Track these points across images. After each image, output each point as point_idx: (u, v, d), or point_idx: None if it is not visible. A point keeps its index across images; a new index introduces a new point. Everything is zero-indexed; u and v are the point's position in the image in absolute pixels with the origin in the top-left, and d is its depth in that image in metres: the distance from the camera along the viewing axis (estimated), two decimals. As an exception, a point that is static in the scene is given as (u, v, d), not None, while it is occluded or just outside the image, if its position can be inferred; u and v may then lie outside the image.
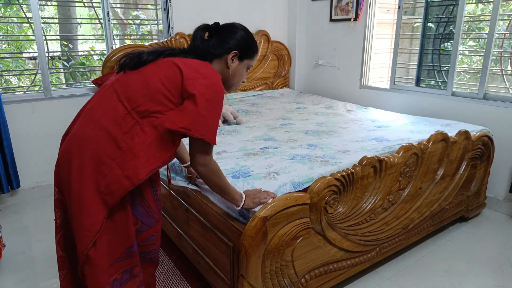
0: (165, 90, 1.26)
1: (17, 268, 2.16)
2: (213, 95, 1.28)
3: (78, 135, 1.26)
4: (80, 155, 1.23)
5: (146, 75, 1.28)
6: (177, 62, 1.29)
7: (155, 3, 3.48)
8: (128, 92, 1.26)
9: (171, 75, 1.27)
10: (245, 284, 1.50)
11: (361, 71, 3.67)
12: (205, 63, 1.35)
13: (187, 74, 1.26)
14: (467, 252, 2.30)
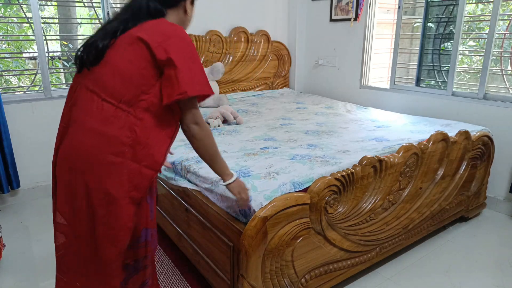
0: (139, 69, 1.19)
1: (17, 268, 2.16)
2: (186, 49, 1.22)
3: (76, 148, 1.21)
4: (88, 167, 1.19)
5: (113, 64, 1.20)
6: (135, 34, 1.20)
7: (155, 3, 3.48)
8: (106, 88, 1.20)
9: (137, 51, 1.19)
10: (245, 284, 1.50)
11: (361, 71, 3.67)
12: (161, 20, 1.26)
13: (153, 42, 1.18)
14: (467, 252, 2.30)
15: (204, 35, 3.56)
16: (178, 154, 2.10)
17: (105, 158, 1.18)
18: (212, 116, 2.73)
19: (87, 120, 1.20)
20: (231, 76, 3.81)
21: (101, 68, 1.22)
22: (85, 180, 1.19)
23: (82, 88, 1.23)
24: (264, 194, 1.55)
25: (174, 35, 1.22)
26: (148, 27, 1.22)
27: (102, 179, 1.18)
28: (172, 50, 1.18)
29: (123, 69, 1.20)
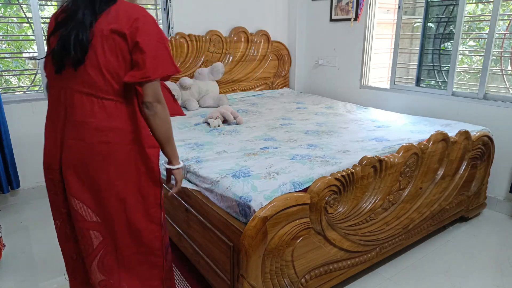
0: (125, 63, 1.22)
1: (17, 268, 2.16)
2: (153, 31, 1.23)
3: (91, 148, 1.24)
4: (110, 161, 1.26)
5: (98, 62, 1.20)
6: (109, 27, 1.19)
7: (155, 3, 3.48)
8: (100, 87, 1.22)
9: (117, 45, 1.20)
10: (245, 284, 1.50)
11: (361, 71, 3.67)
12: (121, 3, 1.24)
13: (126, 31, 1.19)
14: (467, 252, 2.30)
15: (204, 35, 3.56)
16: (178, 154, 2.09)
17: (123, 149, 1.26)
18: (212, 116, 2.73)
19: (92, 122, 1.23)
20: (231, 76, 3.81)
21: (87, 67, 1.21)
22: (109, 174, 1.26)
23: (74, 92, 1.24)
24: (264, 194, 1.55)
25: (140, 17, 1.22)
26: (114, 14, 1.21)
27: (126, 168, 1.27)
28: (139, 34, 1.20)
29: (110, 67, 1.21)
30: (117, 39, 1.19)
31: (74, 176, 1.26)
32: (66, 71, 1.23)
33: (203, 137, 2.40)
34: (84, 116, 1.23)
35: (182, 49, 3.44)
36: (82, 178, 1.26)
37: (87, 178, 1.26)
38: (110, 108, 1.24)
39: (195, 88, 3.38)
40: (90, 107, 1.23)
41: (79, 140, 1.24)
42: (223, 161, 1.94)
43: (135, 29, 1.19)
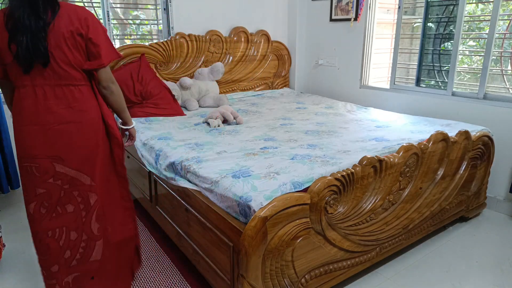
0: (83, 56, 1.53)
1: (17, 268, 2.16)
2: (98, 27, 1.53)
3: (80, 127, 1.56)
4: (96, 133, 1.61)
5: (62, 60, 1.48)
6: (67, 29, 1.46)
7: (155, 3, 3.48)
8: (74, 77, 1.52)
9: (76, 43, 1.49)
10: (245, 284, 1.50)
11: (361, 71, 3.67)
12: (65, 5, 1.49)
13: (79, 30, 1.48)
14: (467, 252, 2.30)
15: (204, 35, 3.56)
16: (178, 154, 2.10)
17: (99, 121, 1.61)
18: (212, 116, 2.73)
19: (76, 105, 1.54)
20: (231, 76, 3.81)
21: (60, 64, 1.48)
22: (95, 140, 1.59)
23: (54, 87, 1.51)
24: (264, 194, 1.55)
25: (85, 16, 1.50)
26: (67, 18, 1.46)
27: (102, 135, 1.62)
28: (90, 31, 1.50)
29: (77, 60, 1.51)
30: (78, 38, 1.48)
31: (69, 153, 1.54)
32: (34, 71, 1.47)
33: (203, 137, 2.40)
34: (68, 103, 1.52)
35: (182, 49, 3.44)
36: (76, 152, 1.55)
37: (77, 151, 1.55)
38: (85, 91, 1.57)
39: (195, 88, 3.38)
40: (71, 95, 1.53)
41: (68, 122, 1.52)
42: (223, 161, 1.94)
43: (86, 28, 1.49)
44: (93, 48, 1.52)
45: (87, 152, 1.58)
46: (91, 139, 1.59)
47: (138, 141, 2.49)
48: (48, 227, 1.58)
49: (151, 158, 2.30)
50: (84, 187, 1.59)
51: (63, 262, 1.62)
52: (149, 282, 2.02)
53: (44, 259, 1.62)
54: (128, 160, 2.77)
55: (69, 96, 1.52)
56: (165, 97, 3.03)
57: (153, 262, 2.20)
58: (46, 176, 1.54)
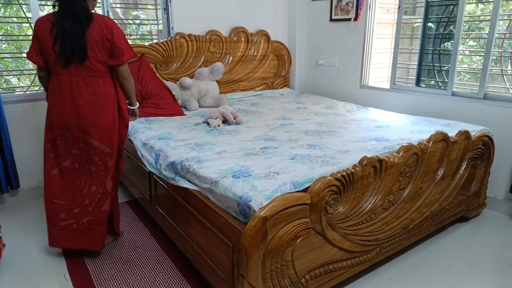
0: (108, 55, 2.05)
1: (17, 268, 2.16)
2: (120, 32, 2.04)
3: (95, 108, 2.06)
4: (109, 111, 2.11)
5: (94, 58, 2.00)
6: (99, 36, 1.97)
7: (155, 3, 3.48)
8: (101, 71, 2.05)
9: (105, 46, 2.01)
10: (245, 284, 1.50)
11: (361, 71, 3.67)
12: (97, 16, 1.99)
13: (107, 36, 1.99)
14: (467, 252, 2.30)
15: (204, 35, 3.56)
16: (178, 154, 2.10)
17: (115, 104, 2.13)
18: (212, 116, 2.73)
19: (99, 91, 2.06)
20: (231, 76, 3.81)
21: (92, 61, 2.00)
22: (109, 119, 2.10)
23: (84, 77, 2.02)
24: (264, 194, 1.55)
25: (111, 25, 2.01)
26: (98, 26, 1.97)
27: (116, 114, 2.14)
28: (115, 37, 2.01)
29: (103, 59, 2.03)
30: (105, 42, 1.99)
31: (93, 128, 2.06)
32: (72, 65, 1.99)
33: (203, 137, 2.40)
34: (94, 90, 2.04)
35: (182, 49, 3.44)
36: (96, 127, 2.07)
37: (99, 126, 2.07)
38: (107, 82, 2.08)
39: (195, 88, 3.38)
40: (97, 84, 2.05)
41: (93, 104, 2.04)
42: (223, 161, 1.94)
43: (111, 34, 2.00)
44: (116, 50, 2.03)
45: (106, 127, 2.09)
46: (109, 118, 2.09)
47: (138, 141, 2.49)
48: (79, 178, 2.14)
49: (151, 158, 2.30)
50: (103, 154, 2.11)
51: (82, 206, 2.14)
52: (149, 282, 2.02)
53: (69, 203, 2.14)
54: (128, 160, 2.77)
55: (95, 84, 2.04)
56: (165, 97, 3.04)
57: (153, 262, 2.20)
58: (79, 142, 2.09)
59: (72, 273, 2.10)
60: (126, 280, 2.04)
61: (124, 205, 2.94)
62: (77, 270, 2.14)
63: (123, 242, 2.42)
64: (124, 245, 2.39)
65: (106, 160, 2.13)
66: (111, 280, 2.04)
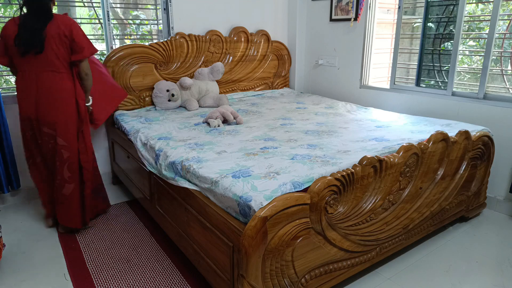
0: (67, 50, 2.23)
1: (17, 268, 2.16)
2: (79, 30, 2.24)
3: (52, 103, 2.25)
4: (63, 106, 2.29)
5: (51, 52, 2.17)
6: (56, 31, 2.15)
7: (155, 3, 3.48)
8: (57, 66, 2.21)
9: (63, 41, 2.19)
10: (245, 284, 1.50)
11: (361, 71, 3.67)
12: (57, 16, 2.19)
13: (65, 32, 2.17)
14: (467, 252, 2.30)
15: (204, 35, 3.56)
16: (178, 154, 2.10)
17: (72, 100, 2.30)
18: (212, 116, 2.73)
19: (55, 87, 2.23)
20: (231, 76, 3.81)
21: (48, 56, 2.17)
22: (66, 115, 2.29)
23: (42, 71, 2.21)
24: (264, 194, 1.55)
25: (69, 23, 2.20)
26: (56, 23, 2.16)
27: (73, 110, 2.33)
28: (73, 33, 2.19)
29: (60, 54, 2.20)
30: (63, 38, 2.17)
31: (50, 121, 2.25)
32: (33, 60, 2.17)
33: (203, 137, 2.40)
34: (51, 84, 2.21)
35: (182, 49, 3.44)
36: (53, 120, 2.25)
37: (55, 119, 2.25)
38: (64, 77, 2.24)
39: (195, 88, 3.38)
40: (53, 78, 2.21)
41: (50, 99, 2.22)
42: (223, 161, 1.94)
43: (70, 31, 2.18)
44: (76, 46, 2.21)
45: (62, 121, 2.26)
46: (65, 112, 2.27)
47: (138, 141, 2.49)
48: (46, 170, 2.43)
49: (151, 158, 2.30)
50: (59, 146, 2.30)
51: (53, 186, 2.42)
52: (149, 282, 2.02)
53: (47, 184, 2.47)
54: (128, 160, 2.77)
55: (53, 79, 2.21)
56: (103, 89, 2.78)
57: (153, 262, 2.20)
58: (42, 134, 2.29)
59: (72, 273, 2.11)
60: (126, 280, 2.05)
61: (124, 205, 2.94)
62: (77, 270, 2.14)
63: (123, 242, 2.42)
64: (124, 245, 2.39)
65: (61, 152, 2.31)
66: (111, 280, 2.04)
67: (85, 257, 2.26)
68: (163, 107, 3.21)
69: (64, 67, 2.22)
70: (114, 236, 2.50)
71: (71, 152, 2.34)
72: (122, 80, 3.14)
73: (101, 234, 2.51)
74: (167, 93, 3.19)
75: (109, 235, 2.50)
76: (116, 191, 3.23)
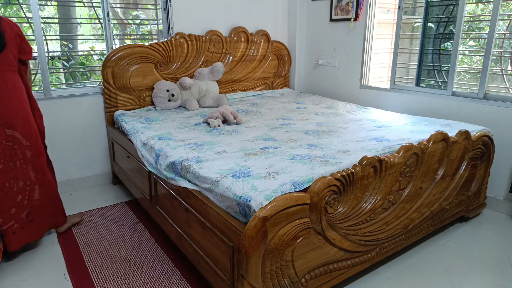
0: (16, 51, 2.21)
1: (17, 268, 2.16)
2: (22, 33, 2.24)
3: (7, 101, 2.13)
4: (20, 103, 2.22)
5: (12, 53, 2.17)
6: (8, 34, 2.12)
7: (155, 3, 3.48)
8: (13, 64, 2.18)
9: (15, 43, 2.18)
10: (245, 284, 1.50)
11: (361, 71, 3.67)
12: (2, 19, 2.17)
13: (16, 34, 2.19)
14: (467, 252, 2.30)
15: (204, 35, 3.56)
16: (178, 154, 2.10)
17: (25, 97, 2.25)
18: (212, 116, 2.73)
19: (15, 85, 2.17)
20: (231, 76, 3.81)
21: (5, 54, 2.12)
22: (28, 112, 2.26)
23: (3, 71, 2.12)
24: (264, 194, 1.55)
25: (17, 26, 2.21)
26: (7, 24, 2.14)
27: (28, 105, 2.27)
28: (21, 36, 2.21)
29: (15, 54, 2.18)
30: (17, 38, 2.19)
31: (14, 120, 2.15)
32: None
33: (203, 137, 2.40)
34: (12, 83, 2.16)
35: (182, 49, 3.44)
36: (17, 119, 2.16)
37: (18, 118, 2.17)
38: (17, 76, 2.22)
39: (195, 88, 3.38)
40: (13, 77, 2.17)
41: (11, 97, 2.14)
42: (223, 161, 1.94)
43: (20, 32, 2.21)
44: (26, 45, 2.26)
45: (24, 120, 2.20)
46: (25, 110, 2.22)
47: (138, 141, 2.49)
48: (7, 178, 2.15)
49: (151, 158, 2.30)
50: (23, 146, 2.21)
51: (17, 204, 2.20)
52: (149, 282, 2.02)
53: (4, 206, 2.14)
54: (128, 160, 2.77)
55: (13, 78, 2.17)
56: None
57: (153, 262, 2.20)
58: (1, 138, 2.12)
59: (72, 273, 2.11)
60: (126, 280, 2.05)
61: (124, 205, 2.94)
62: (77, 270, 2.14)
63: (123, 242, 2.42)
64: (124, 245, 2.39)
65: (25, 152, 2.22)
66: (110, 280, 2.04)
67: (85, 257, 2.26)
68: (163, 107, 3.21)
69: (17, 66, 2.21)
70: (114, 236, 2.50)
71: (33, 151, 2.25)
72: (122, 80, 3.14)
73: (101, 234, 2.51)
74: (167, 93, 3.19)
75: (109, 235, 2.50)
76: (116, 191, 3.23)
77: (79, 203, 2.97)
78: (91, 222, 2.68)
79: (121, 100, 3.18)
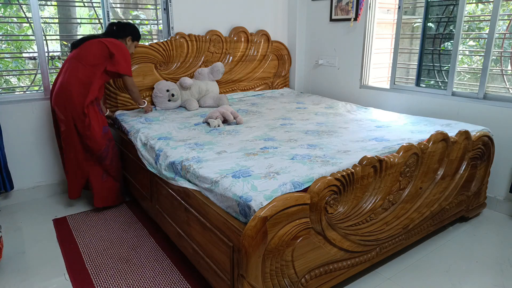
0: (99, 52, 2.61)
1: (17, 268, 2.16)
2: (123, 49, 2.67)
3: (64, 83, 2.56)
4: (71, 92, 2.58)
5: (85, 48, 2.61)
6: (101, 40, 2.64)
7: (155, 3, 3.48)
8: (82, 58, 2.59)
9: (98, 47, 2.61)
10: (245, 284, 1.50)
11: (361, 71, 3.67)
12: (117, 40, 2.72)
13: (108, 43, 2.62)
14: (467, 252, 2.30)
15: (204, 35, 3.56)
16: (178, 154, 2.10)
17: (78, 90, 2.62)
18: (212, 116, 2.72)
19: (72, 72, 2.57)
20: (231, 76, 3.81)
21: (80, 49, 2.60)
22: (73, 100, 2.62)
23: (71, 59, 2.59)
24: (264, 194, 1.55)
25: (118, 43, 2.65)
26: (109, 39, 2.64)
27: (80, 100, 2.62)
28: (116, 50, 2.62)
29: (90, 51, 2.61)
30: (101, 45, 2.62)
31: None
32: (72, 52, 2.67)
33: (203, 137, 2.40)
34: (70, 69, 2.62)
35: (182, 49, 3.43)
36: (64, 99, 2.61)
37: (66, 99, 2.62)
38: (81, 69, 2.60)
39: (195, 88, 3.38)
40: (74, 66, 2.60)
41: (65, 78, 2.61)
42: (223, 161, 1.94)
43: (114, 47, 2.58)
44: (114, 59, 2.61)
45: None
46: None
47: (138, 141, 2.49)
48: None
49: (151, 158, 2.30)
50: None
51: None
52: (149, 282, 2.02)
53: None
54: (128, 160, 2.77)
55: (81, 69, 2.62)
56: None
57: (153, 262, 2.20)
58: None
59: (72, 273, 2.10)
60: (126, 280, 2.04)
61: (123, 205, 2.94)
62: (77, 270, 2.14)
63: (123, 242, 2.42)
64: (123, 245, 2.39)
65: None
66: (110, 280, 2.04)
67: (84, 257, 2.26)
68: (163, 107, 3.21)
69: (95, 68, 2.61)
70: (114, 236, 2.50)
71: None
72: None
73: (100, 234, 2.51)
74: (167, 93, 3.19)
75: (108, 235, 2.50)
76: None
77: (80, 203, 2.97)
78: (91, 222, 2.68)
79: (121, 100, 3.18)
